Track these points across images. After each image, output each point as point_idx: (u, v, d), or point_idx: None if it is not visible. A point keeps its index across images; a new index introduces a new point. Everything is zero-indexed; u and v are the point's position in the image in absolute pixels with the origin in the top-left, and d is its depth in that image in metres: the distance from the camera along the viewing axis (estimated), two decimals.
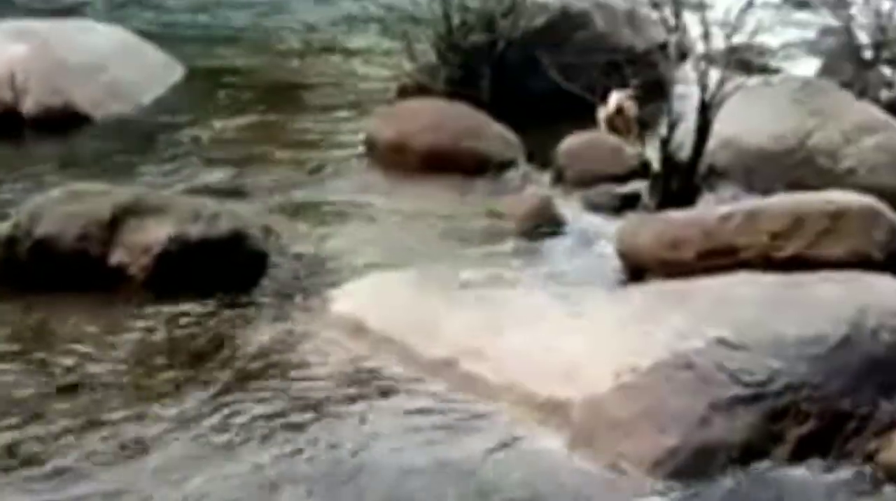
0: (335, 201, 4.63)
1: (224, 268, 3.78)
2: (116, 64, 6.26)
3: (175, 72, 6.58)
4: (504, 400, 3.03)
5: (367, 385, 3.16)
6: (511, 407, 3.00)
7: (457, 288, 3.53)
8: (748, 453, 2.77)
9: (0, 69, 5.60)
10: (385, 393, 3.13)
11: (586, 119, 5.00)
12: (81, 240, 3.78)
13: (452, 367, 3.16)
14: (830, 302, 3.11)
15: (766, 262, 3.55)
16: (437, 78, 5.72)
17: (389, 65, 6.12)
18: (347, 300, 3.56)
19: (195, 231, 3.81)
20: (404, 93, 5.79)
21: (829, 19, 6.39)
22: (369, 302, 3.51)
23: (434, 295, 3.48)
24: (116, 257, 3.77)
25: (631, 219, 4.22)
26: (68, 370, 3.24)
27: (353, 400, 3.10)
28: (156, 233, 3.77)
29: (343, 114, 5.87)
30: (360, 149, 5.23)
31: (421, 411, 3.03)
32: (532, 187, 4.72)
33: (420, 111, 5.29)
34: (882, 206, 3.75)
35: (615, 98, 4.99)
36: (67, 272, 3.73)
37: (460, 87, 5.58)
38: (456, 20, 5.74)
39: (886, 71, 5.63)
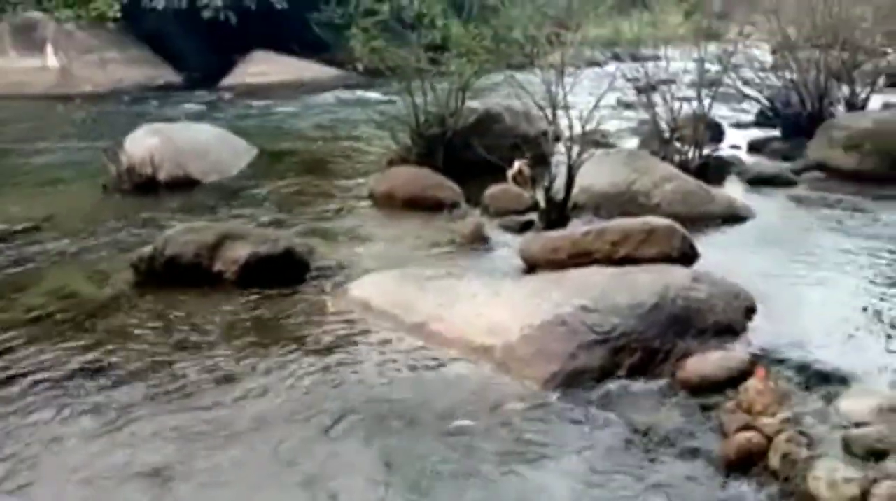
0: (349, 229, 4.61)
1: (282, 272, 3.75)
2: (215, 149, 6.23)
3: (251, 153, 6.56)
4: (455, 347, 3.03)
5: (371, 337, 3.16)
6: (460, 350, 3.00)
7: (425, 280, 3.51)
8: (600, 374, 2.79)
9: (143, 153, 5.55)
10: (381, 342, 3.11)
11: (500, 177, 5.04)
12: (196, 256, 3.75)
13: (423, 328, 3.15)
14: (647, 283, 3.15)
15: (609, 260, 3.58)
16: (411, 153, 5.72)
17: (381, 146, 6.12)
18: (359, 289, 3.54)
19: (264, 249, 3.79)
20: (391, 163, 5.77)
21: (643, 114, 6.45)
22: (372, 290, 3.49)
23: (411, 285, 3.47)
24: (217, 266, 3.74)
25: (528, 236, 4.22)
26: (189, 333, 3.21)
27: (362, 346, 3.08)
28: (241, 251, 3.76)
29: (353, 176, 5.86)
30: (365, 197, 5.22)
31: (403, 352, 3.02)
32: (470, 218, 4.71)
33: (401, 174, 5.29)
34: (677, 225, 3.78)
35: (517, 164, 5.04)
36: (187, 276, 3.70)
37: (425, 159, 5.58)
38: (422, 119, 5.76)
39: (678, 144, 5.72)
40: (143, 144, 5.71)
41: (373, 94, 8.47)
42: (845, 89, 6.97)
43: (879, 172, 5.32)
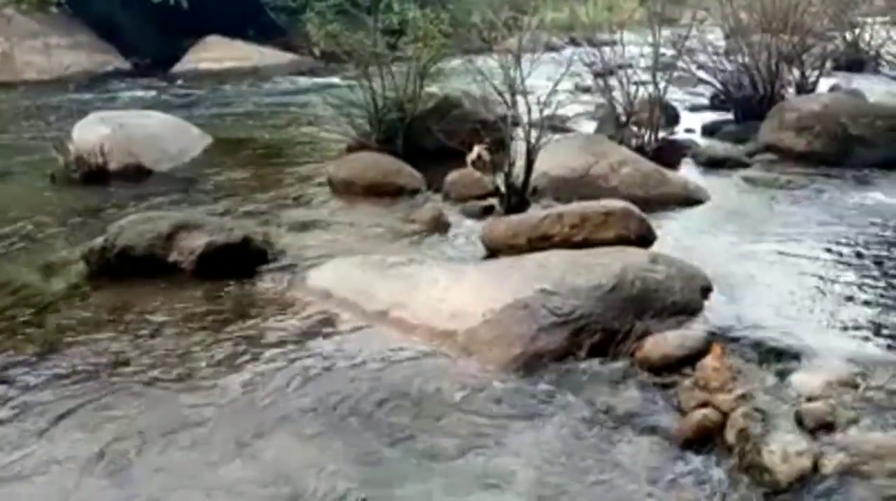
0: (308, 217, 4.53)
1: (240, 261, 3.68)
2: (168, 137, 6.07)
3: (206, 141, 6.41)
4: (418, 333, 3.01)
5: (332, 326, 3.11)
6: (422, 337, 2.99)
7: (387, 266, 3.48)
8: (561, 356, 2.81)
9: (93, 141, 5.39)
10: (343, 331, 3.07)
11: (460, 162, 5.02)
12: (150, 247, 3.65)
13: (385, 315, 3.12)
14: (605, 265, 3.17)
15: (568, 244, 3.60)
16: (370, 139, 5.67)
17: (340, 132, 6.04)
18: (318, 277, 3.50)
19: (220, 238, 3.71)
20: (350, 149, 5.72)
21: (600, 99, 6.49)
22: (332, 277, 3.45)
23: (372, 272, 3.43)
24: (173, 257, 3.66)
25: (489, 221, 4.21)
26: (144, 326, 3.13)
27: (323, 335, 3.04)
28: (197, 240, 3.68)
29: (312, 163, 5.78)
30: (324, 184, 5.14)
31: (365, 341, 2.99)
32: (431, 204, 4.70)
33: (361, 160, 5.23)
34: (633, 208, 3.83)
35: (476, 149, 5.03)
36: (141, 268, 3.60)
37: (385, 145, 5.55)
38: (380, 104, 5.70)
39: (634, 128, 5.79)
40: (92, 133, 5.55)
41: (330, 79, 8.33)
42: (795, 72, 7.13)
43: (828, 153, 5.46)
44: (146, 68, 11.30)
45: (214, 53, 11.58)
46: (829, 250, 3.86)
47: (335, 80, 6.99)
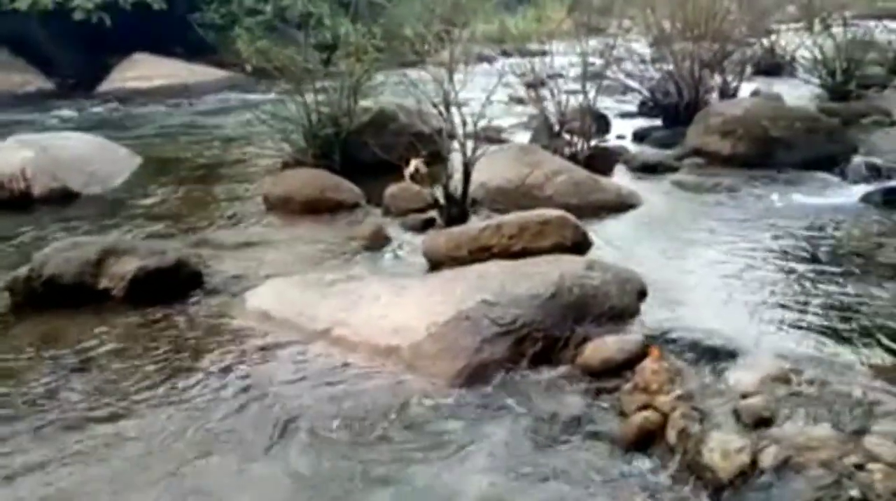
0: (244, 237, 4.43)
1: (174, 286, 3.56)
2: (95, 158, 5.84)
3: (135, 162, 6.19)
4: (362, 351, 2.97)
5: (272, 348, 3.04)
6: (366, 354, 2.95)
7: (327, 284, 3.44)
8: (505, 365, 2.82)
9: (14, 166, 5.16)
10: (284, 353, 3.00)
11: (398, 176, 5.02)
12: (78, 274, 3.49)
13: (328, 334, 3.08)
14: (544, 273, 3.20)
15: (507, 254, 3.63)
16: (307, 155, 5.61)
17: (274, 149, 5.94)
18: (257, 298, 3.42)
19: (152, 262, 3.58)
20: (286, 166, 5.64)
21: (533, 109, 6.59)
22: (271, 298, 3.39)
23: (313, 291, 3.38)
24: (103, 283, 3.51)
25: (429, 234, 4.21)
26: (73, 358, 2.98)
27: (262, 358, 2.97)
28: (128, 265, 3.54)
29: (246, 181, 5.66)
30: (260, 202, 5.04)
31: (308, 361, 2.93)
32: (371, 219, 4.68)
33: (297, 176, 5.15)
34: (569, 216, 3.89)
35: (413, 162, 5.04)
36: (70, 296, 3.44)
37: (322, 161, 5.49)
38: (314, 119, 5.65)
39: (567, 137, 5.89)
40: (12, 157, 5.30)
41: (262, 96, 8.19)
42: (718, 78, 7.41)
43: (751, 155, 5.67)
44: (70, 88, 10.84)
45: (142, 71, 11.20)
46: (756, 250, 4.00)
47: (268, 96, 6.88)
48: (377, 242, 4.26)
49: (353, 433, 2.47)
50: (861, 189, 4.93)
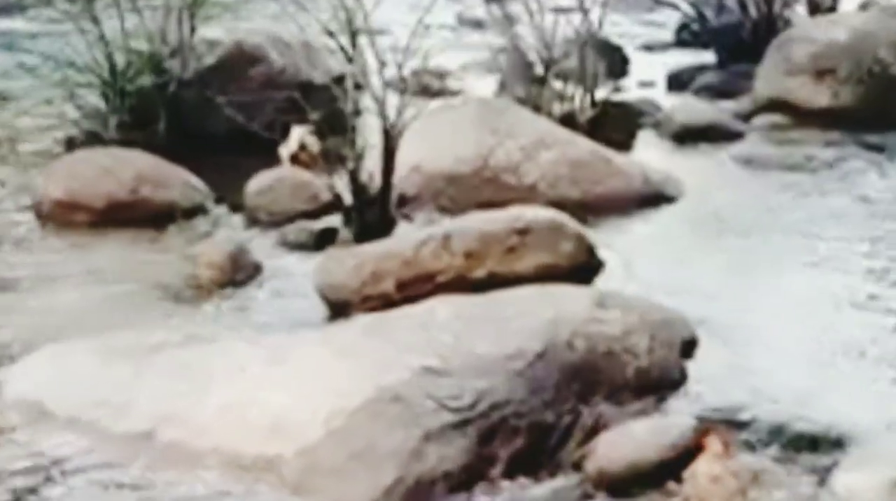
0: (5, 272, 4.34)
1: None
2: None
3: None
4: (211, 466, 2.91)
5: (46, 474, 2.93)
6: (220, 471, 2.89)
7: (147, 351, 3.37)
8: (464, 480, 2.80)
9: None
10: (67, 482, 2.91)
11: (269, 157, 5.00)
12: None
13: (150, 439, 3.01)
14: (525, 318, 3.21)
15: (463, 284, 3.65)
16: (107, 125, 5.54)
17: (51, 115, 5.82)
18: (22, 380, 3.34)
19: None
20: (71, 145, 5.57)
21: (500, 39, 6.66)
22: (48, 379, 3.30)
23: (122, 363, 3.31)
24: None
25: (328, 255, 4.19)
26: None
27: (30, 492, 2.86)
28: None
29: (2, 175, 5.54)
30: (26, 214, 4.96)
31: (112, 493, 2.87)
32: (224, 232, 4.65)
33: (90, 162, 5.08)
34: (564, 218, 3.95)
35: (296, 133, 5.02)
36: None
37: (133, 133, 5.43)
38: (120, 63, 5.59)
39: (557, 85, 5.96)
40: None
41: (28, 24, 8.06)
42: None
43: (862, 109, 5.88)
44: None
45: None
46: (877, 273, 4.12)
47: (39, 26, 6.74)
48: (236, 273, 4.22)
49: None
50: None
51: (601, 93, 6.00)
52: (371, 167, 4.59)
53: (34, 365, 3.42)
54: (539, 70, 6.05)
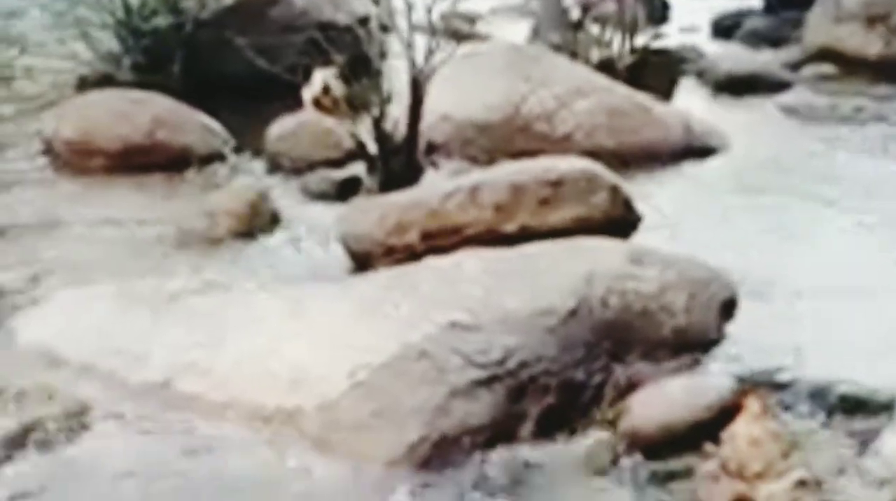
0: (11, 216, 4.39)
1: None
2: None
3: None
4: (228, 418, 2.96)
5: (58, 423, 2.98)
6: (237, 424, 2.94)
7: (165, 300, 3.41)
8: (491, 436, 2.83)
9: None
10: (81, 429, 2.97)
11: (291, 101, 5.02)
12: None
13: (166, 389, 3.06)
14: (557, 273, 3.22)
15: (492, 237, 3.65)
16: (122, 66, 5.57)
17: (63, 55, 5.84)
18: (37, 327, 3.38)
19: None
20: (84, 85, 5.61)
21: None
22: (62, 326, 3.36)
23: (139, 311, 3.36)
24: None
25: (352, 205, 4.22)
26: None
27: (38, 443, 2.91)
28: None
29: (13, 116, 5.58)
30: (38, 156, 5.01)
31: (126, 443, 2.92)
32: (244, 179, 4.67)
33: (105, 104, 5.13)
34: (600, 168, 3.94)
35: (320, 77, 5.02)
36: None
37: (148, 75, 5.47)
38: (135, 2, 5.60)
39: (594, 30, 5.93)
40: None
41: None
42: None
43: None
44: None
45: None
46: None
47: None
48: (255, 222, 4.25)
49: None
50: None
51: (641, 40, 5.96)
52: (397, 114, 4.59)
53: (48, 311, 3.47)
54: (575, 15, 6.01)
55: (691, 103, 5.61)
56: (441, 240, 3.70)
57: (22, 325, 3.42)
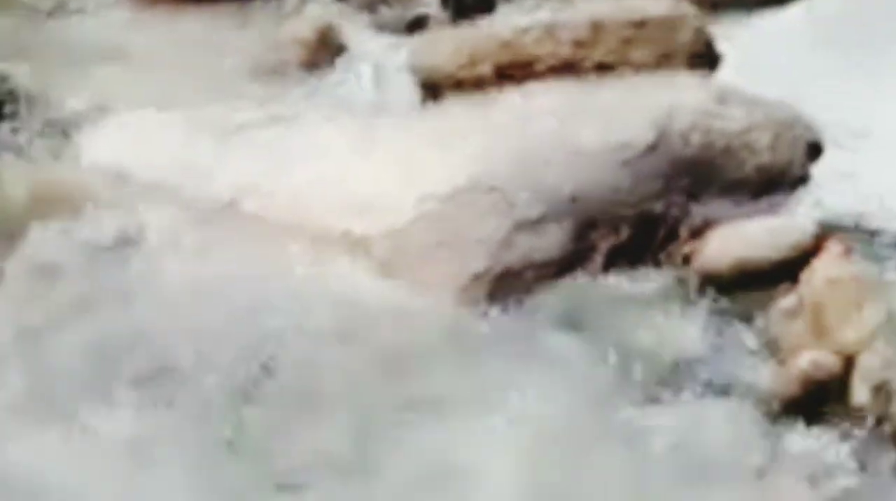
0: (82, 40, 4.39)
1: None
2: None
3: None
4: (296, 237, 3.01)
5: (126, 234, 3.07)
6: (304, 244, 2.99)
7: (232, 128, 3.45)
8: (557, 270, 2.86)
9: None
10: (149, 241, 3.05)
11: None
12: None
13: (233, 209, 3.12)
14: (637, 107, 3.20)
15: (569, 73, 3.58)
16: None
17: None
18: (103, 144, 3.44)
19: None
20: None
21: None
22: (129, 144, 3.41)
23: (205, 136, 3.40)
24: None
25: (424, 37, 4.17)
26: None
27: (113, 251, 3.02)
28: None
29: None
30: None
31: (192, 256, 3.00)
32: (312, 9, 4.55)
33: None
34: (684, 7, 3.82)
35: None
36: None
37: None
38: None
39: None
40: None
41: None
42: None
43: None
44: None
45: None
46: None
47: None
48: (325, 53, 4.22)
49: (286, 388, 2.57)
50: None
51: None
52: None
53: (114, 129, 3.52)
54: None
55: None
56: (514, 73, 3.63)
57: (91, 142, 3.47)
